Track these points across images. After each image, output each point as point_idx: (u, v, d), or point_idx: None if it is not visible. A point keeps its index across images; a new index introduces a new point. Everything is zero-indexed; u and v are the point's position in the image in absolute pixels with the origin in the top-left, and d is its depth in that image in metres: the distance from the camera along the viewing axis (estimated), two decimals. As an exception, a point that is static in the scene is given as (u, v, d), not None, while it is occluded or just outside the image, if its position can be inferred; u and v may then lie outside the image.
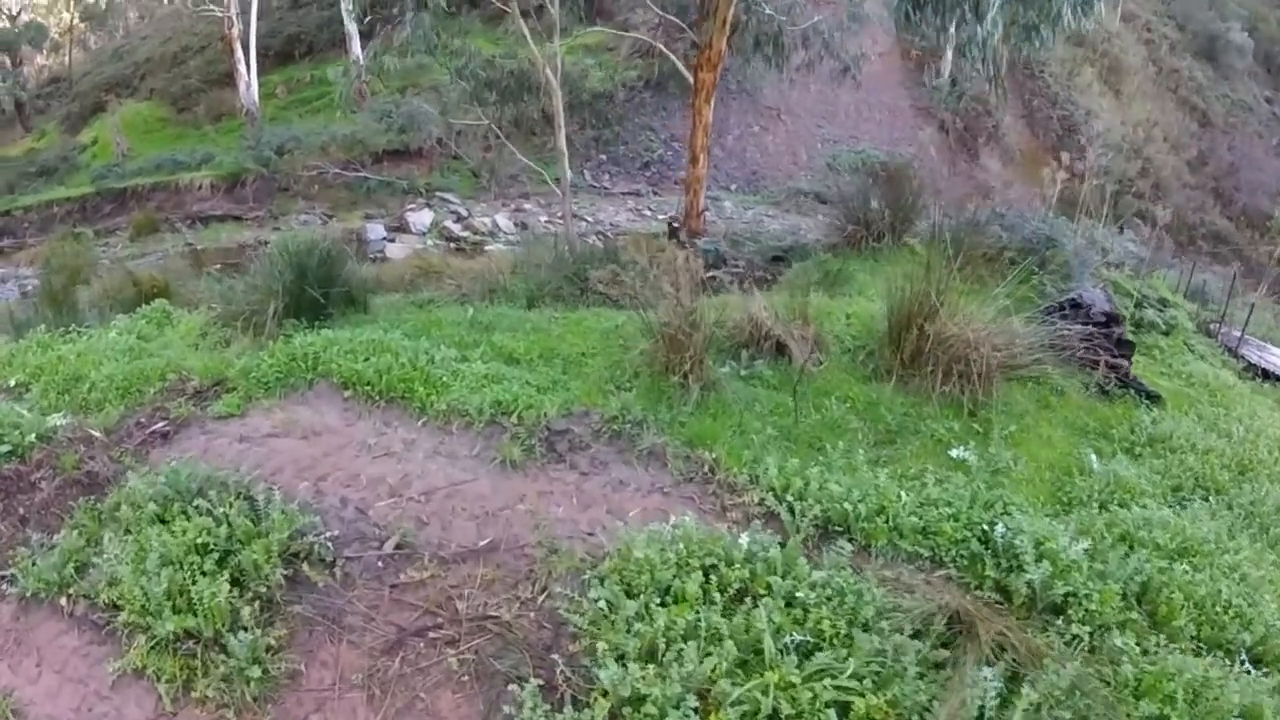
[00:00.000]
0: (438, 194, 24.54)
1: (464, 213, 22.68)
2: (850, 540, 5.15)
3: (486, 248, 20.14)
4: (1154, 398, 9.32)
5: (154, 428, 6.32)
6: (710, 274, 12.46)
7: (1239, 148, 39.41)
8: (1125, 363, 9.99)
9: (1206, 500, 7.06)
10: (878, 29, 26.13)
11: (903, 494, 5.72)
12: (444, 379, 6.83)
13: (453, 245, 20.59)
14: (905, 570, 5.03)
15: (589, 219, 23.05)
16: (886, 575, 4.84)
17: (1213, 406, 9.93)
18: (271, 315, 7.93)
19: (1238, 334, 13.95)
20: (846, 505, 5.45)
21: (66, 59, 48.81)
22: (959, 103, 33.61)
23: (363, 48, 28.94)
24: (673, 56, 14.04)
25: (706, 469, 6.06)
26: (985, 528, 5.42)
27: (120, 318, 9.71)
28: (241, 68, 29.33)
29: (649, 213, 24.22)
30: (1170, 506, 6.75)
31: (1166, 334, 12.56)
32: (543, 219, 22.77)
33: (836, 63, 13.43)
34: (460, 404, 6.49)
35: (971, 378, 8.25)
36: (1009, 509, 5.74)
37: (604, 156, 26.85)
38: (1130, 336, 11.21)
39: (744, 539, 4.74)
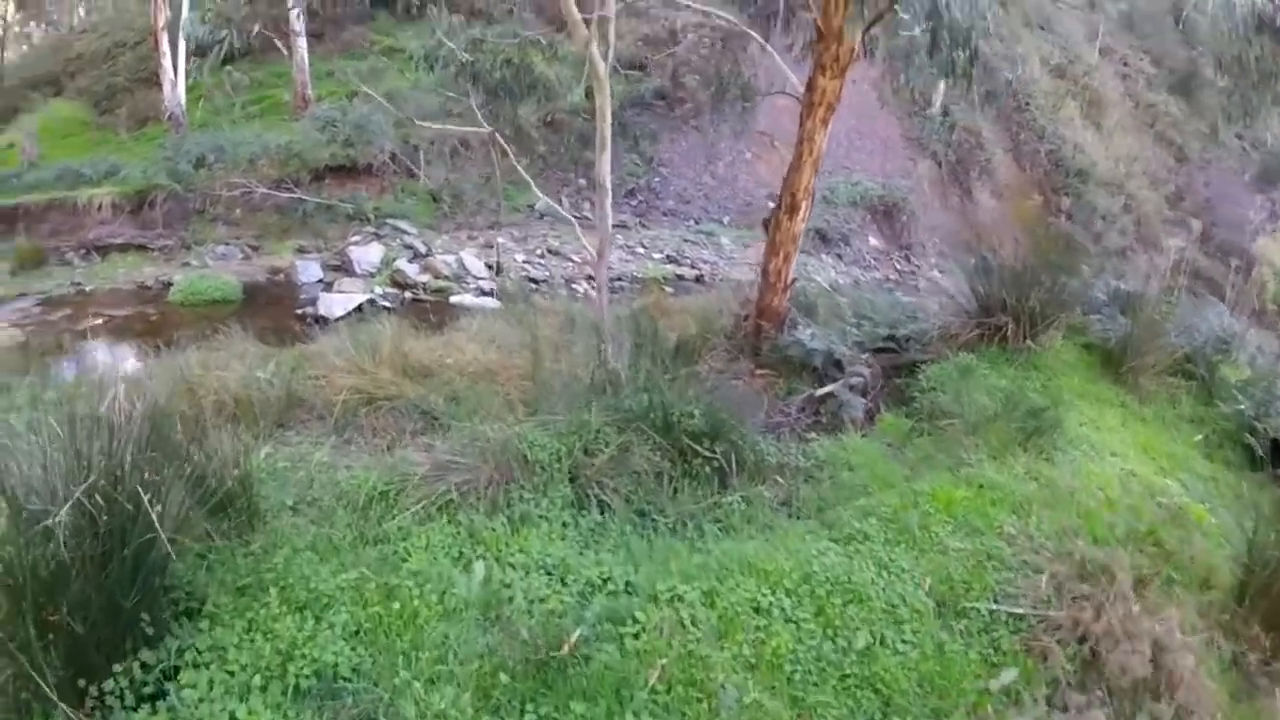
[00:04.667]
0: (389, 222, 18.90)
1: (421, 248, 17.08)
2: None
3: (453, 300, 14.76)
4: None
5: None
6: (823, 391, 7.51)
7: (1215, 183, 36.11)
8: None
9: None
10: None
11: None
12: None
13: (408, 294, 15.12)
14: None
15: (574, 257, 17.81)
16: None
17: None
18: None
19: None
20: None
21: None
22: (951, 134, 29.14)
23: (310, 50, 23.24)
24: (773, 52, 8.93)
25: None
26: None
27: None
28: (167, 63, 23.22)
29: (642, 250, 19.10)
30: None
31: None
32: (519, 258, 17.41)
33: (987, 83, 8.43)
34: None
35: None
36: None
37: (583, 182, 21.60)
38: None
39: None
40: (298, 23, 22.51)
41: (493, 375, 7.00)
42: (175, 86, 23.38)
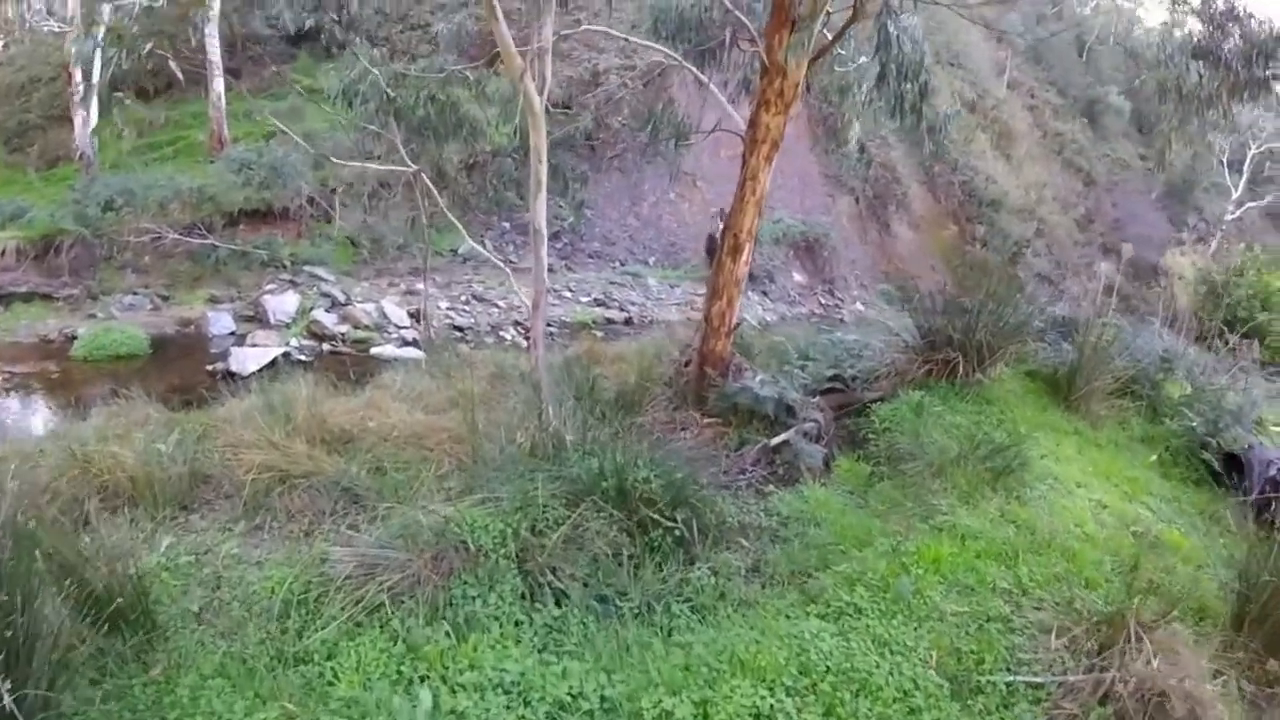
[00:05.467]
0: (306, 268, 17.97)
1: (340, 296, 16.16)
2: None
3: (374, 351, 13.90)
4: None
5: None
6: (777, 441, 7.05)
7: (1122, 204, 37.90)
8: None
9: None
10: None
11: None
12: None
13: (326, 346, 14.20)
14: None
15: (499, 303, 17.17)
16: None
17: None
18: None
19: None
20: None
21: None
22: (868, 170, 29.34)
23: (227, 87, 22.17)
24: (715, 89, 8.49)
25: None
26: None
27: None
28: (80, 99, 21.93)
29: (569, 294, 18.56)
30: None
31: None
32: (443, 305, 16.63)
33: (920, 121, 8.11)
34: None
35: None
36: None
37: (507, 224, 20.95)
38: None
39: None
40: (213, 49, 21.34)
41: (420, 440, 6.32)
42: (87, 124, 22.04)
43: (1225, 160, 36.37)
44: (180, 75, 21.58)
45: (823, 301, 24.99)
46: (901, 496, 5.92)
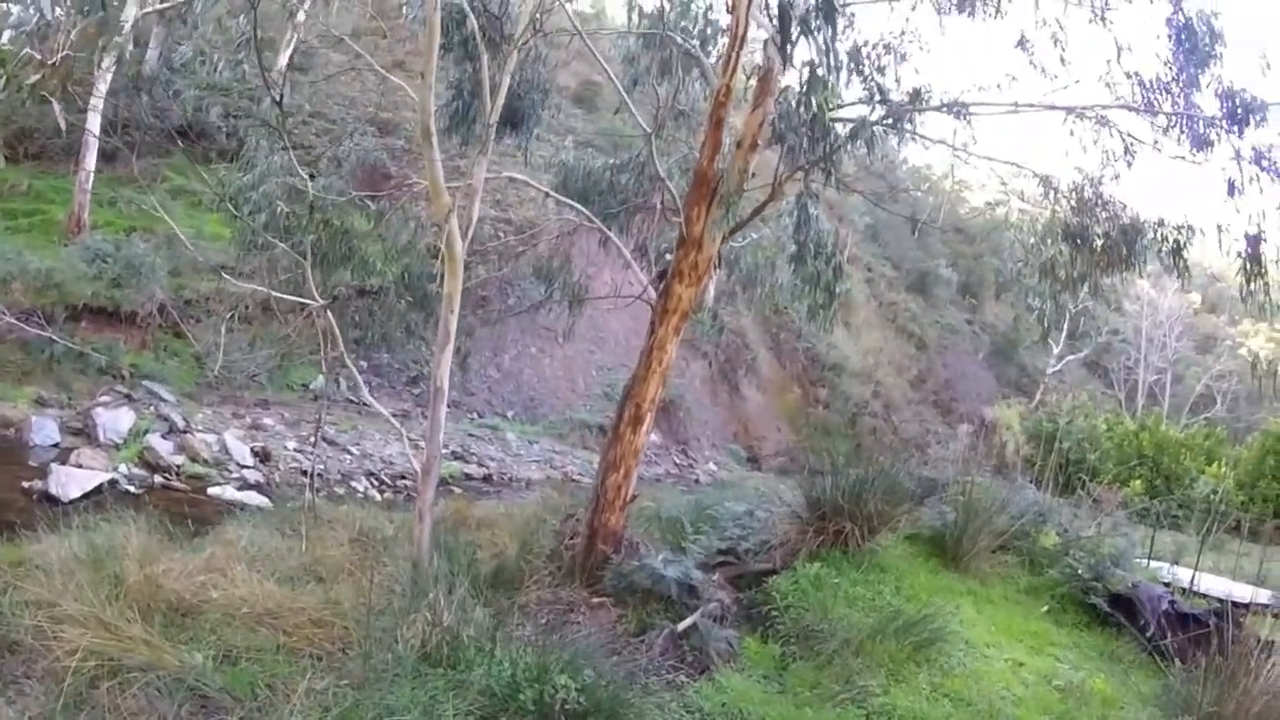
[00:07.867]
0: (145, 384, 15.94)
1: (179, 421, 14.21)
2: None
3: (212, 491, 11.96)
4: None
5: None
6: (684, 625, 6.28)
7: (952, 365, 40.29)
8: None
9: None
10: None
11: None
12: None
13: (158, 479, 12.25)
14: None
15: (351, 449, 15.69)
16: None
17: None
18: None
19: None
20: None
21: None
22: (720, 336, 30.00)
23: (98, 169, 20.00)
24: (626, 252, 8.00)
25: None
26: None
27: None
28: None
29: (426, 445, 17.35)
30: None
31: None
32: (290, 445, 14.94)
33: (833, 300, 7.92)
34: None
35: None
36: None
37: (365, 364, 19.62)
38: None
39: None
40: (94, 122, 19.05)
41: (275, 620, 5.25)
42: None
43: (1045, 320, 39.25)
44: (63, 124, 19.18)
45: (677, 461, 24.92)
46: (822, 678, 5.69)
